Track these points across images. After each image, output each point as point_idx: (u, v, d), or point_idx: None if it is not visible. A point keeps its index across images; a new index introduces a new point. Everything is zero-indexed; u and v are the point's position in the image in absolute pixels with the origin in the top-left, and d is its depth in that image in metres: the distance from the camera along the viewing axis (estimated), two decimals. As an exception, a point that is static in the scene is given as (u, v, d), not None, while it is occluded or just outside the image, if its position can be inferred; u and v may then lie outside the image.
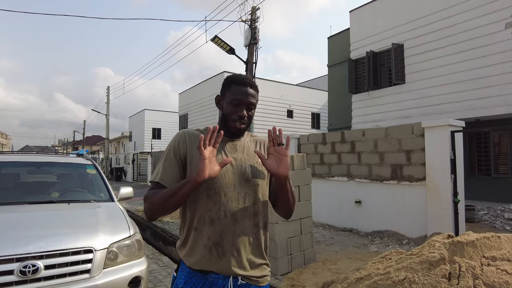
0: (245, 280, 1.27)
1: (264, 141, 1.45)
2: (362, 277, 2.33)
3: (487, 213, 7.29)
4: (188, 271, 1.27)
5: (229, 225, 1.26)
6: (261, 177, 1.34)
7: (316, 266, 4.11)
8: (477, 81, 8.48)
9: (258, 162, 1.34)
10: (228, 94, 1.34)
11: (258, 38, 8.80)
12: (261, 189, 1.34)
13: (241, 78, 1.36)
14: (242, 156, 1.34)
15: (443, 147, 5.02)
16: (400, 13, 10.36)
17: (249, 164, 1.33)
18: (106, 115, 24.33)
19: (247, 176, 1.31)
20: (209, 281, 1.24)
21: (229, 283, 1.24)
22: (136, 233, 2.80)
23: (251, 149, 1.38)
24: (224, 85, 1.38)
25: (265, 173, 1.36)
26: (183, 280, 1.27)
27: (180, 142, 1.31)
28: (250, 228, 1.29)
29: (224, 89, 1.37)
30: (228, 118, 1.33)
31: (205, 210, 1.26)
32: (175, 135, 1.37)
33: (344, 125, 12.71)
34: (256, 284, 1.30)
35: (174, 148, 1.31)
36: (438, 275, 1.86)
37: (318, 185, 6.63)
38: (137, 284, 2.55)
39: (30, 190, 3.48)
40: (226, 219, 1.26)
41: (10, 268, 2.08)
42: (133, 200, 3.82)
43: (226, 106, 1.34)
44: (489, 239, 2.05)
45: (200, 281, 1.25)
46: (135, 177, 22.17)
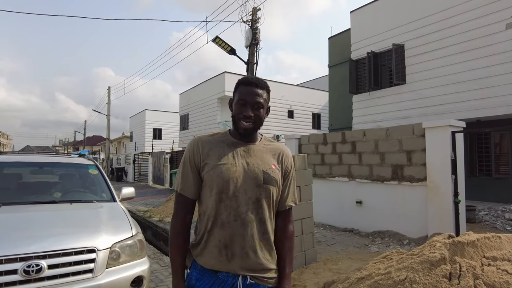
0: (254, 280, 1.30)
1: (282, 152, 1.43)
2: (363, 277, 2.34)
3: (488, 213, 7.29)
4: (200, 269, 1.31)
5: (239, 228, 1.28)
6: (273, 184, 1.34)
7: (317, 266, 4.12)
8: (478, 82, 8.48)
9: (271, 169, 1.35)
10: (236, 95, 1.37)
11: (259, 38, 8.82)
12: (272, 195, 1.35)
13: (247, 78, 1.39)
14: (255, 161, 1.35)
15: (444, 148, 5.03)
16: (401, 14, 10.36)
17: (262, 170, 1.33)
18: (107, 115, 24.37)
19: (259, 182, 1.31)
20: (220, 279, 1.28)
21: (238, 282, 1.28)
22: (138, 233, 2.82)
23: (266, 156, 1.38)
24: (234, 88, 1.40)
25: (277, 179, 1.36)
26: (195, 277, 1.32)
27: (195, 151, 1.36)
28: (260, 233, 1.31)
29: (234, 92, 1.39)
30: (235, 118, 1.35)
31: (217, 214, 1.29)
32: (188, 145, 1.42)
33: (344, 126, 12.71)
34: (265, 284, 1.32)
35: (190, 158, 1.37)
36: (439, 275, 1.87)
37: (319, 186, 6.63)
38: (139, 283, 2.57)
39: (33, 190, 3.49)
40: (236, 222, 1.28)
41: (14, 268, 2.09)
42: (134, 200, 3.84)
43: (234, 107, 1.36)
44: (490, 239, 2.06)
45: (211, 278, 1.29)
46: (136, 177, 22.21)
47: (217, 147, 1.36)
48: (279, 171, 1.38)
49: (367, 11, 11.60)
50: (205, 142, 1.37)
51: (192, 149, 1.37)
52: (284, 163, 1.42)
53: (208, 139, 1.38)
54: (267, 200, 1.33)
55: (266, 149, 1.40)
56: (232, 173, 1.29)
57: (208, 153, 1.34)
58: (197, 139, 1.39)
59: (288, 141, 8.12)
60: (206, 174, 1.32)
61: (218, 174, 1.29)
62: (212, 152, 1.34)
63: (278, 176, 1.36)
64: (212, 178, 1.30)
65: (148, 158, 19.90)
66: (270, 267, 1.34)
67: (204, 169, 1.33)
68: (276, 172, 1.36)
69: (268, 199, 1.33)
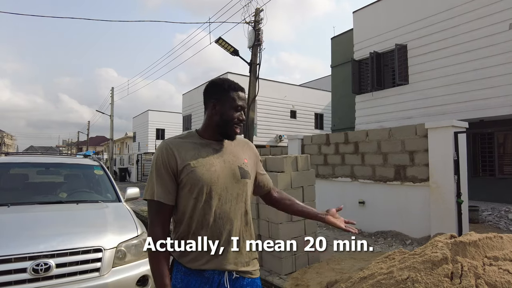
0: (239, 274, 1.34)
1: (246, 143, 1.52)
2: (366, 277, 2.37)
3: (491, 213, 7.27)
4: (184, 270, 1.31)
5: (225, 225, 1.32)
6: (248, 177, 1.41)
7: (320, 266, 4.14)
8: (481, 82, 8.46)
9: (244, 163, 1.41)
10: (227, 100, 1.37)
11: (262, 39, 8.84)
12: (249, 188, 1.42)
13: (235, 84, 1.42)
14: (230, 158, 1.39)
15: (447, 148, 5.03)
16: (403, 14, 10.35)
17: (237, 166, 1.39)
18: (110, 115, 24.46)
19: (237, 178, 1.37)
20: (206, 277, 1.30)
21: (224, 278, 1.31)
22: (143, 232, 2.85)
23: (237, 151, 1.43)
24: (218, 90, 1.39)
25: (250, 172, 1.43)
26: (180, 279, 1.31)
27: (169, 155, 1.31)
28: (243, 226, 1.38)
29: (220, 94, 1.38)
30: (228, 123, 1.37)
31: (201, 215, 1.30)
32: (158, 149, 1.35)
33: (347, 126, 12.71)
34: (249, 276, 1.37)
35: (164, 163, 1.31)
36: (440, 274, 1.89)
37: (321, 186, 6.64)
38: (144, 283, 2.60)
39: (40, 191, 3.55)
40: (221, 220, 1.32)
41: (23, 266, 2.14)
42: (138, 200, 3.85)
43: (228, 111, 1.37)
44: (492, 239, 2.08)
45: (197, 278, 1.30)
46: (139, 177, 22.30)
47: (192, 149, 1.34)
48: (250, 163, 1.45)
49: (369, 11, 11.59)
50: (178, 145, 1.34)
51: (165, 153, 1.32)
52: (252, 154, 1.50)
53: (180, 142, 1.36)
54: (246, 193, 1.39)
55: (234, 144, 1.45)
56: (212, 173, 1.31)
57: (185, 156, 1.31)
58: (168, 143, 1.35)
59: (290, 142, 8.14)
60: (186, 177, 1.29)
61: (199, 176, 1.29)
62: (188, 155, 1.32)
63: (250, 168, 1.43)
64: (192, 181, 1.29)
65: (151, 159, 19.96)
66: (253, 257, 1.40)
67: (183, 172, 1.30)
68: (248, 165, 1.43)
69: (246, 192, 1.40)
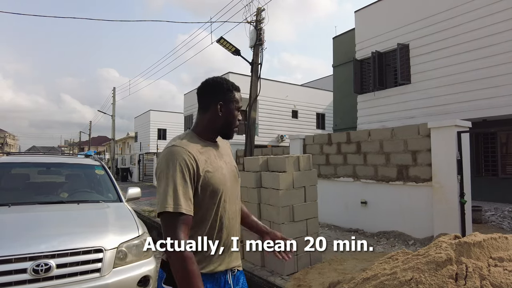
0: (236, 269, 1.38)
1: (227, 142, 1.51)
2: (369, 277, 2.34)
3: (495, 214, 7.23)
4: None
5: (235, 224, 1.36)
6: (239, 176, 1.45)
7: (322, 266, 4.12)
8: (483, 81, 8.41)
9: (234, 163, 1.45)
10: (232, 100, 1.34)
11: (264, 39, 8.82)
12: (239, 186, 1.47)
13: (235, 84, 1.39)
14: (227, 159, 1.40)
15: (449, 148, 5.00)
16: (405, 13, 10.31)
17: (234, 166, 1.43)
18: (112, 116, 24.49)
19: (236, 178, 1.41)
20: (215, 278, 1.30)
21: (228, 276, 1.33)
22: (144, 233, 2.84)
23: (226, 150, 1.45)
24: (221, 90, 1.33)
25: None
26: None
27: (191, 161, 1.21)
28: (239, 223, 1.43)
29: (225, 95, 1.33)
30: (233, 124, 1.36)
31: (221, 218, 1.30)
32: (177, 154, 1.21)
33: (349, 126, 12.68)
34: (239, 269, 1.41)
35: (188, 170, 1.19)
36: (445, 275, 1.87)
37: (324, 186, 6.62)
38: (145, 283, 2.59)
39: (41, 191, 3.54)
40: (234, 220, 1.35)
41: (24, 267, 2.13)
42: (139, 200, 3.85)
43: (233, 112, 1.35)
44: (496, 240, 2.05)
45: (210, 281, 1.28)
46: (140, 177, 22.32)
47: (205, 152, 1.29)
48: None
49: (371, 10, 11.56)
50: (195, 149, 1.25)
51: (187, 159, 1.20)
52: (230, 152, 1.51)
53: (193, 146, 1.27)
54: (239, 192, 1.45)
55: (222, 144, 1.45)
56: (223, 176, 1.31)
57: (205, 160, 1.25)
58: (184, 147, 1.23)
59: (292, 141, 8.12)
60: (206, 182, 1.23)
61: (218, 180, 1.27)
62: (205, 159, 1.26)
63: None
64: (213, 186, 1.25)
65: (153, 159, 20.00)
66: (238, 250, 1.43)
67: (204, 178, 1.23)
68: None
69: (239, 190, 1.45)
